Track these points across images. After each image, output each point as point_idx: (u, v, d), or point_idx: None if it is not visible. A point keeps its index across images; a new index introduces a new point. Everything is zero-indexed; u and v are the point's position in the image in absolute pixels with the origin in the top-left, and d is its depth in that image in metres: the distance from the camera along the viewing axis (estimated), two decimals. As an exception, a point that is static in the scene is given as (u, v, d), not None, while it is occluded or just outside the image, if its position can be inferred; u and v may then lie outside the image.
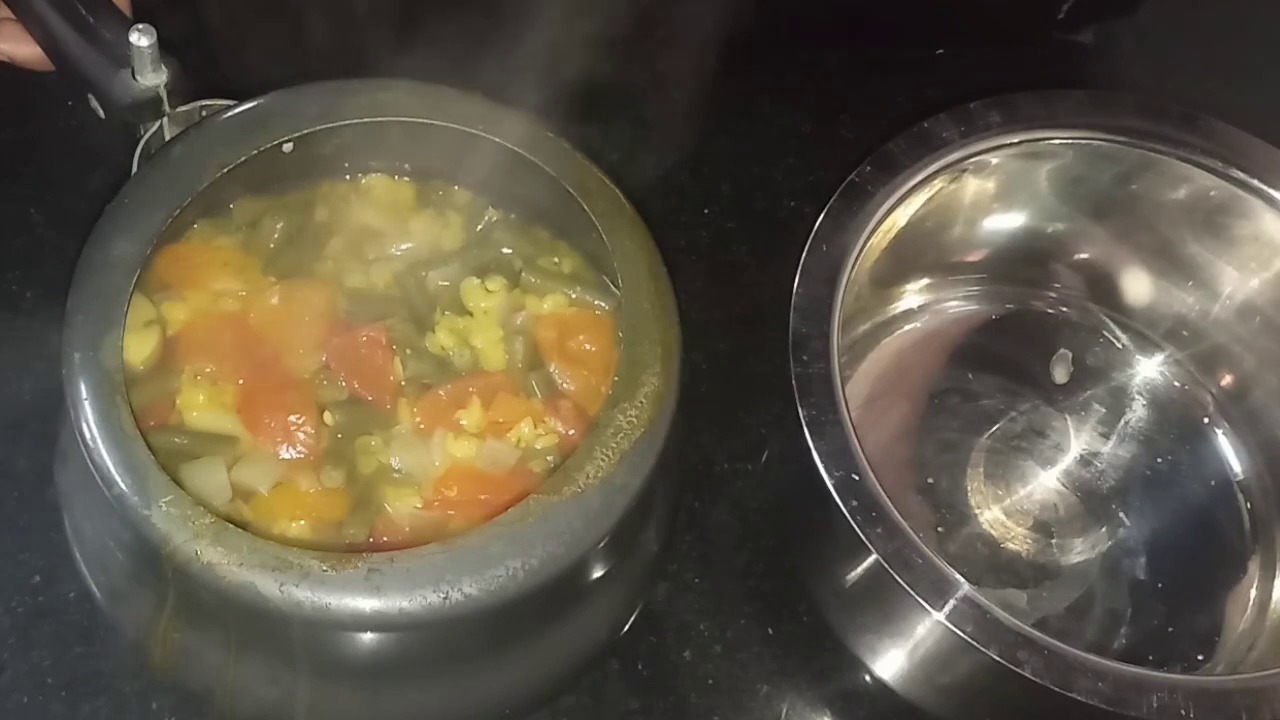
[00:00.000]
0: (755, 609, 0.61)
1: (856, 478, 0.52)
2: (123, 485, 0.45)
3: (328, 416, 0.53)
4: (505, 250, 0.58)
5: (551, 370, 0.55)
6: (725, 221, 0.73)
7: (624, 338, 0.52)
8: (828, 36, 0.80)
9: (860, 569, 0.54)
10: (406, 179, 0.59)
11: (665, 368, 0.51)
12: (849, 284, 0.58)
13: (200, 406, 0.52)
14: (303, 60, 0.56)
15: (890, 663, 0.58)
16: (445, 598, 0.44)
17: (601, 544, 0.48)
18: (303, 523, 0.50)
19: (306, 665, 0.50)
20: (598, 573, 0.53)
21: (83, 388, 0.47)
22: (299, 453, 0.52)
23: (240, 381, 0.52)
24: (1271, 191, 0.63)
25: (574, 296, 0.56)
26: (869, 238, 0.60)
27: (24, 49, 0.60)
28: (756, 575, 0.62)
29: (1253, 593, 0.63)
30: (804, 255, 0.58)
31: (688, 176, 0.74)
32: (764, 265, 0.71)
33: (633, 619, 0.59)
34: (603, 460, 0.48)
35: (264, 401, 0.52)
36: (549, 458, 0.53)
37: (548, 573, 0.46)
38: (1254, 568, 0.64)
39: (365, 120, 0.55)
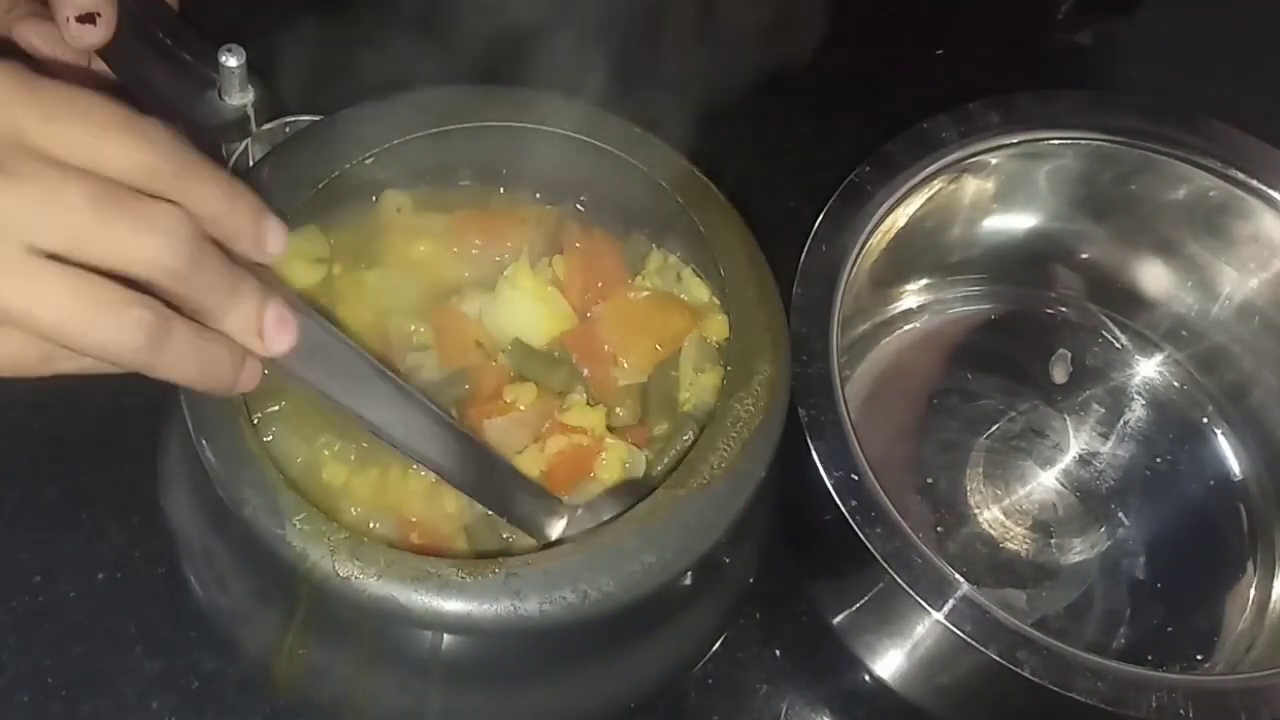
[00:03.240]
0: (754, 608, 0.61)
1: (856, 478, 0.52)
2: (254, 506, 0.45)
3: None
4: None
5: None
6: (725, 221, 0.73)
7: (733, 327, 0.52)
8: (827, 36, 0.80)
9: (860, 569, 0.54)
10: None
11: (776, 354, 0.52)
12: (848, 284, 0.58)
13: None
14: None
15: (889, 662, 0.58)
16: (584, 597, 0.44)
17: (729, 533, 0.48)
18: None
19: (439, 672, 0.50)
20: (699, 588, 0.53)
21: (202, 409, 0.47)
22: None
23: None
24: (1270, 192, 0.63)
25: None
26: (868, 238, 0.60)
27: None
28: (755, 574, 0.62)
29: (1251, 592, 0.63)
30: (803, 256, 0.58)
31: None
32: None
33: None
34: (725, 450, 0.48)
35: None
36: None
37: (681, 565, 0.46)
38: (1252, 567, 0.64)
39: (455, 126, 0.55)
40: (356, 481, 0.50)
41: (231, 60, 0.54)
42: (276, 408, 0.51)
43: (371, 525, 0.50)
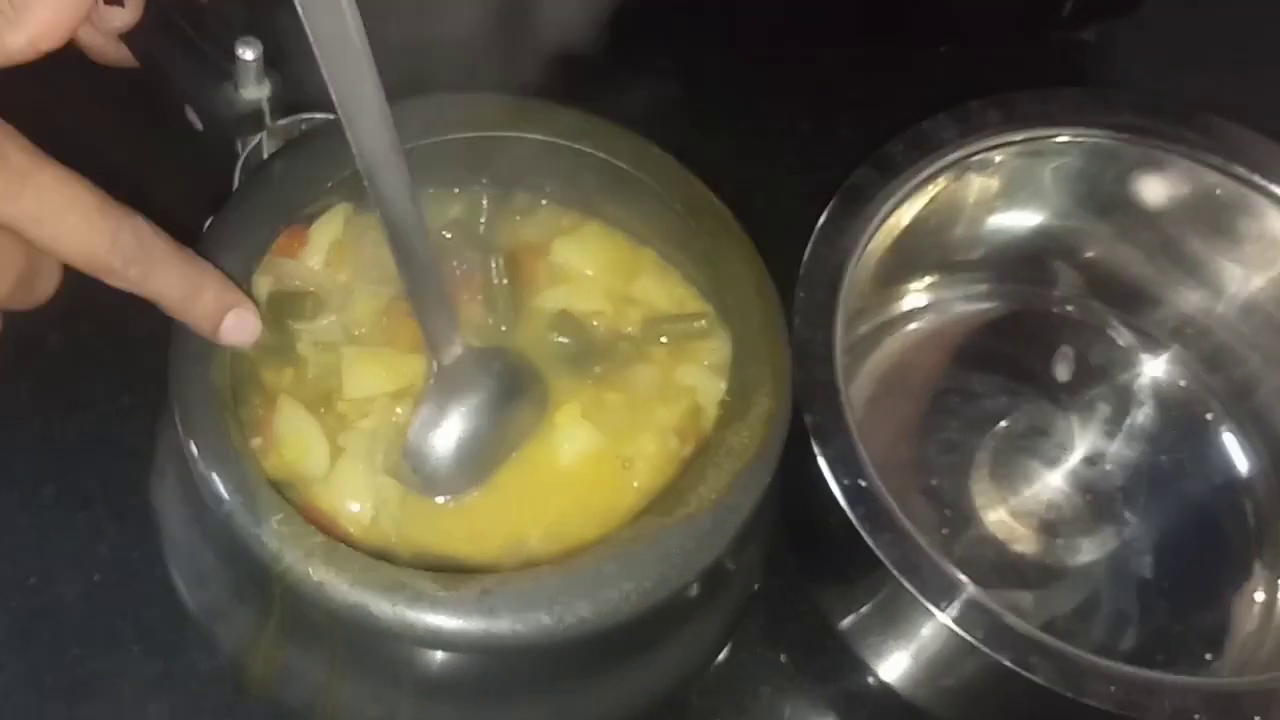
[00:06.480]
0: (757, 609, 0.60)
1: (863, 484, 0.52)
2: (232, 504, 0.45)
3: None
4: None
5: None
6: (725, 221, 0.73)
7: (734, 357, 0.52)
8: (827, 34, 0.80)
9: (866, 573, 0.54)
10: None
11: (777, 388, 0.51)
12: (850, 286, 0.58)
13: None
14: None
15: (894, 665, 0.58)
16: (559, 620, 0.44)
17: (712, 566, 0.48)
18: None
19: (411, 684, 0.50)
20: (704, 596, 0.53)
21: (190, 405, 0.46)
22: None
23: None
24: (1276, 189, 0.63)
25: None
26: (870, 239, 0.59)
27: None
28: (759, 579, 0.61)
29: (1259, 591, 0.63)
30: (805, 259, 0.58)
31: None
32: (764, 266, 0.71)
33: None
34: (715, 481, 0.48)
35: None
36: None
37: (660, 594, 0.46)
38: (1260, 566, 0.64)
39: (464, 135, 0.55)
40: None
41: (248, 53, 0.54)
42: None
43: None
